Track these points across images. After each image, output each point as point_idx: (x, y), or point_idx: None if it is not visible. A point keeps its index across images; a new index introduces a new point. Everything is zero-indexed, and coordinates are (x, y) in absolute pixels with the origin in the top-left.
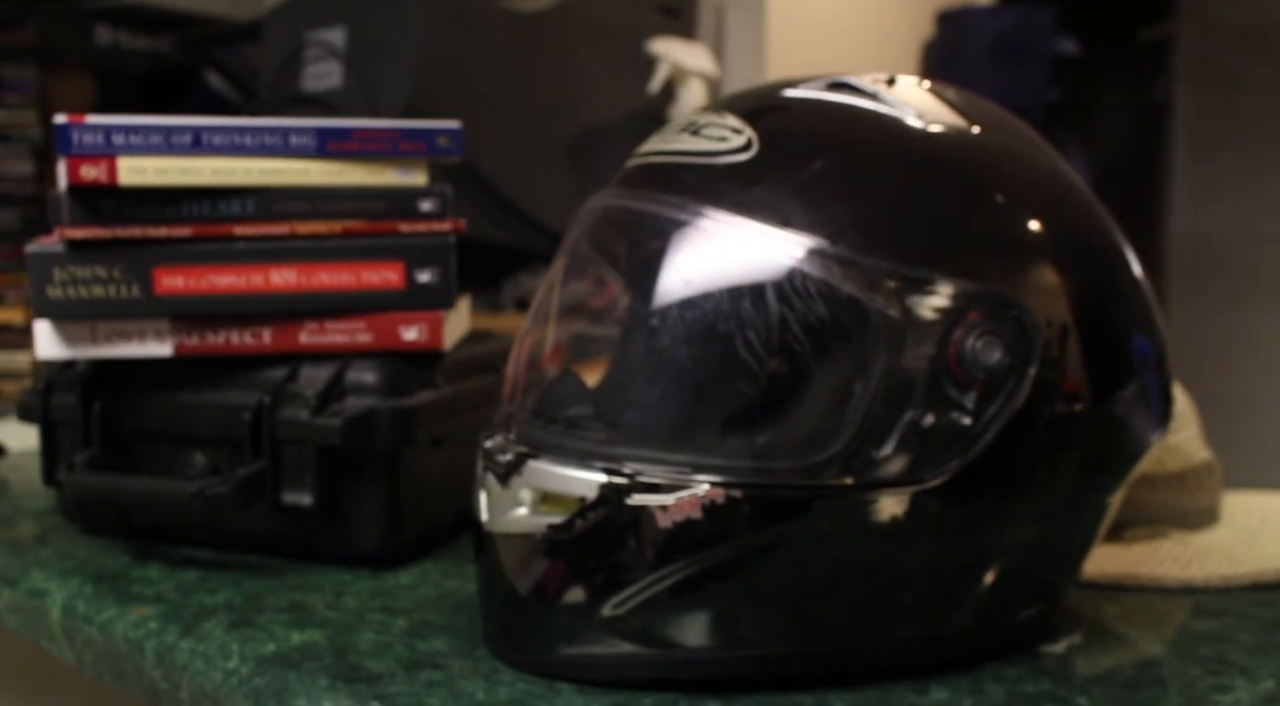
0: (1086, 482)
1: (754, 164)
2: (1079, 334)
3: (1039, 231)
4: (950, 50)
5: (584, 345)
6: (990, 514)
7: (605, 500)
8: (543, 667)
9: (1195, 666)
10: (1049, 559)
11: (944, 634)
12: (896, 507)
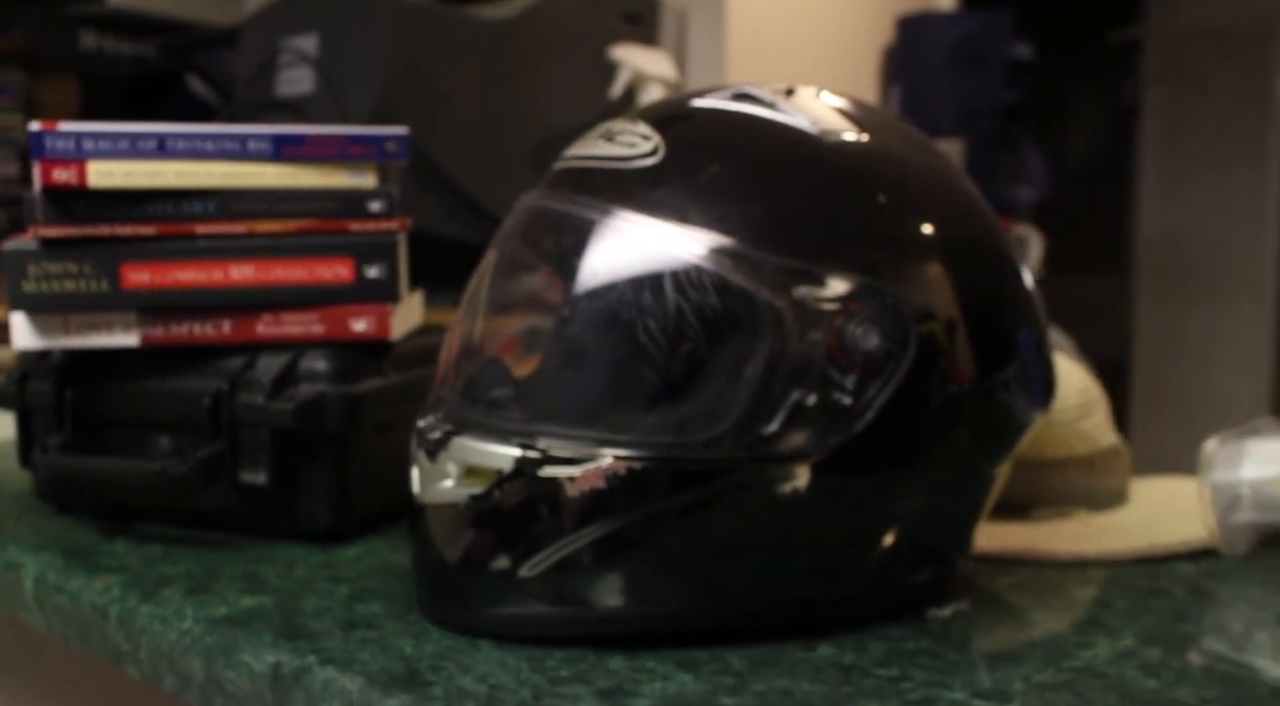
0: (972, 456)
1: (659, 168)
2: (961, 323)
3: (921, 231)
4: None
5: (507, 333)
6: (880, 485)
7: (520, 472)
8: (467, 627)
9: (1068, 627)
10: (939, 528)
11: (837, 597)
12: (786, 479)
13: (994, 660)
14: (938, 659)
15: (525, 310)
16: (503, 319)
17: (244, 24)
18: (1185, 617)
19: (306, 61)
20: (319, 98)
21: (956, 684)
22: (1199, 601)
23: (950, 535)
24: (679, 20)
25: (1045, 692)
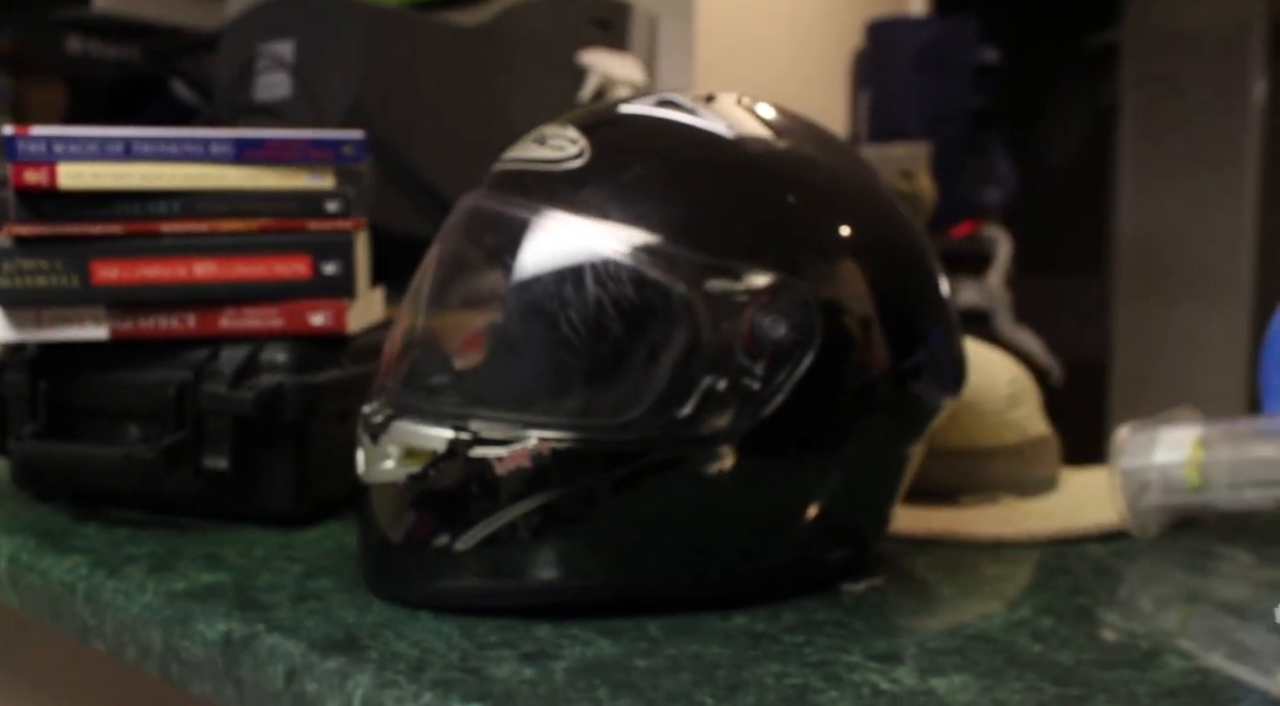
0: (884, 438)
1: (585, 170)
2: (871, 316)
3: (832, 229)
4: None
5: (447, 324)
6: (795, 466)
7: (452, 452)
8: (408, 599)
9: (972, 600)
10: (855, 507)
11: (756, 572)
12: (703, 460)
13: (895, 628)
14: (843, 627)
15: (463, 303)
16: (443, 312)
17: (224, 29)
18: (1082, 592)
19: (283, 66)
20: (295, 102)
21: (855, 648)
22: (1099, 578)
23: (866, 514)
24: (649, 26)
25: (935, 656)
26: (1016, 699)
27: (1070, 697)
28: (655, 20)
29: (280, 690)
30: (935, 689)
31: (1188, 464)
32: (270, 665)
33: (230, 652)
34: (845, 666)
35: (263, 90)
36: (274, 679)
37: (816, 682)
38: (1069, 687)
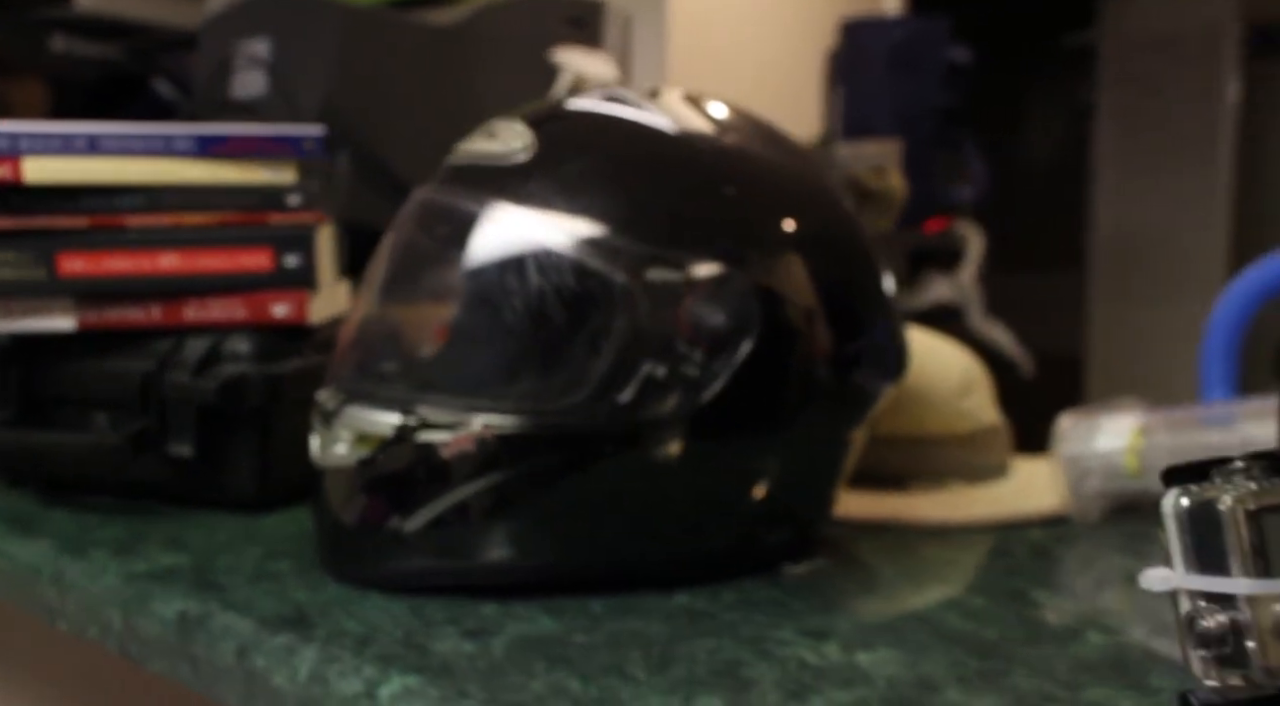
0: (825, 423)
1: (531, 163)
2: (812, 306)
3: (771, 221)
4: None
5: (397, 312)
6: (738, 450)
7: (400, 437)
8: (360, 580)
9: (909, 581)
10: (798, 490)
11: (700, 553)
12: (644, 444)
13: (831, 607)
14: (780, 606)
15: (414, 293)
16: (394, 301)
17: (202, 27)
18: (1018, 573)
19: (259, 65)
20: (272, 100)
21: (788, 625)
22: (1037, 560)
23: (809, 497)
24: (623, 25)
25: (865, 632)
26: (939, 671)
27: (991, 671)
28: (629, 19)
29: (231, 666)
30: (860, 662)
31: (1128, 451)
32: (222, 642)
33: (185, 631)
34: (776, 642)
35: (239, 88)
36: (225, 655)
37: (746, 656)
38: (991, 661)
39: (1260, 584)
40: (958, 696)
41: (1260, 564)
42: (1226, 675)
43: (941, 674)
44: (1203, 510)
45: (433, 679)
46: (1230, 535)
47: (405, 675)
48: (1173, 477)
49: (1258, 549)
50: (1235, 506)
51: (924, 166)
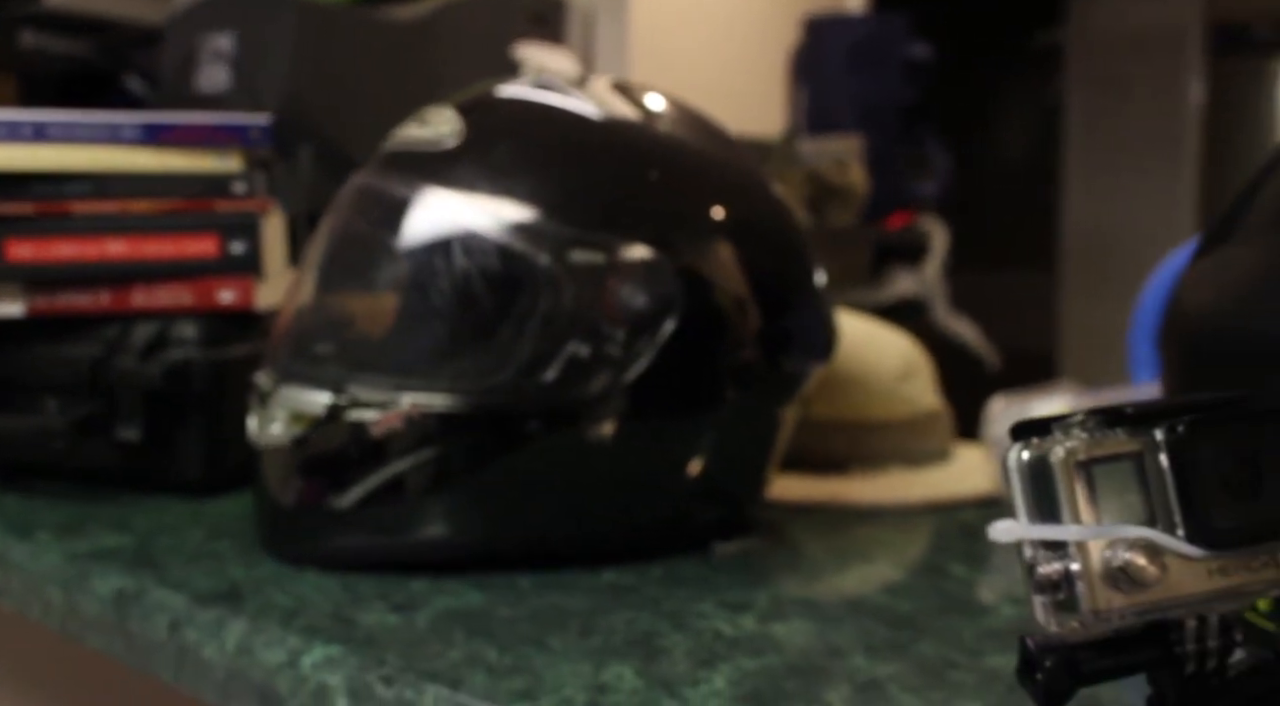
0: (754, 402)
1: (460, 149)
2: (734, 285)
3: (694, 205)
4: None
5: (332, 295)
6: (666, 428)
7: (332, 416)
8: (296, 557)
9: (836, 559)
10: (729, 469)
11: (629, 529)
12: (570, 423)
13: (754, 582)
14: (705, 582)
15: (348, 276)
16: (329, 284)
17: (168, 22)
18: (943, 551)
19: (223, 59)
20: (235, 94)
21: (709, 599)
22: (964, 538)
23: (740, 476)
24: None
25: (783, 605)
26: (848, 641)
27: (899, 640)
28: (591, 16)
29: (164, 640)
30: (773, 632)
31: None
32: (156, 616)
33: (121, 607)
34: (695, 614)
35: (204, 82)
36: (158, 630)
37: (663, 628)
38: (901, 632)
39: (1088, 530)
40: (862, 663)
41: (1090, 512)
42: (1063, 619)
43: (850, 643)
44: (1039, 463)
45: (354, 648)
46: (1061, 485)
47: (328, 645)
48: (1019, 433)
49: (1087, 497)
50: (1066, 457)
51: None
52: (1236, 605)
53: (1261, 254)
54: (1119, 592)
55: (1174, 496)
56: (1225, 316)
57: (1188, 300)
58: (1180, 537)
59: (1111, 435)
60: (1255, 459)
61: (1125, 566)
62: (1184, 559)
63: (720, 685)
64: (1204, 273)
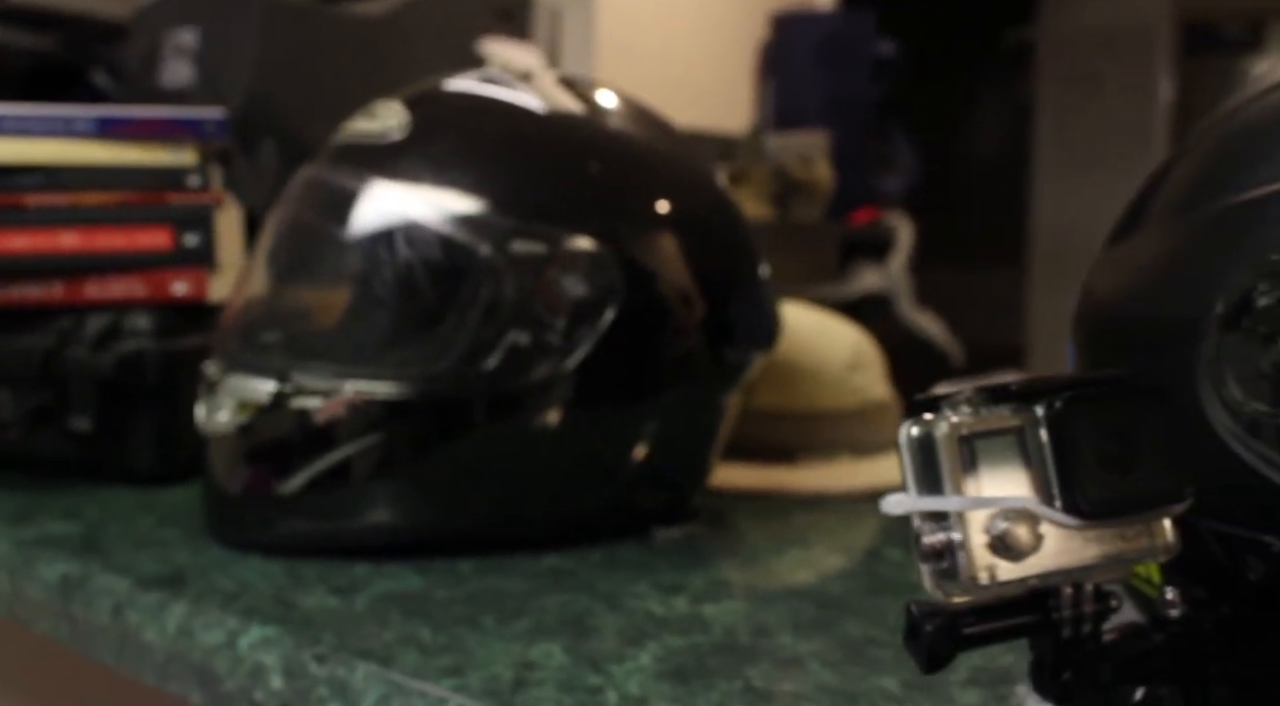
0: (696, 389)
1: (406, 141)
2: (675, 275)
3: (635, 196)
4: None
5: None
6: (607, 415)
7: (276, 403)
8: (242, 543)
9: (774, 544)
10: (672, 455)
11: (571, 515)
12: (511, 410)
13: (691, 566)
14: (643, 566)
15: (295, 267)
16: (277, 274)
17: (133, 17)
18: (881, 536)
19: (187, 54)
20: (199, 89)
21: (644, 582)
22: (901, 525)
23: (683, 463)
24: (552, 17)
25: (716, 587)
26: (776, 620)
27: (826, 619)
28: (558, 12)
29: (107, 624)
30: (703, 612)
31: None
32: (99, 601)
33: (66, 592)
34: (629, 596)
35: (168, 78)
36: (101, 614)
37: (597, 609)
38: (829, 612)
39: (968, 501)
40: (787, 640)
41: (972, 484)
42: (947, 587)
43: (777, 623)
44: (926, 438)
45: (291, 629)
46: (944, 458)
47: (265, 626)
48: (911, 410)
49: (967, 470)
50: (949, 432)
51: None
52: (1112, 573)
53: (1157, 242)
54: (998, 560)
55: (1052, 469)
56: (1124, 303)
57: (1094, 287)
58: (1057, 508)
59: (995, 411)
60: (1129, 434)
61: (1004, 535)
62: (1061, 528)
63: (645, 661)
64: (1110, 261)
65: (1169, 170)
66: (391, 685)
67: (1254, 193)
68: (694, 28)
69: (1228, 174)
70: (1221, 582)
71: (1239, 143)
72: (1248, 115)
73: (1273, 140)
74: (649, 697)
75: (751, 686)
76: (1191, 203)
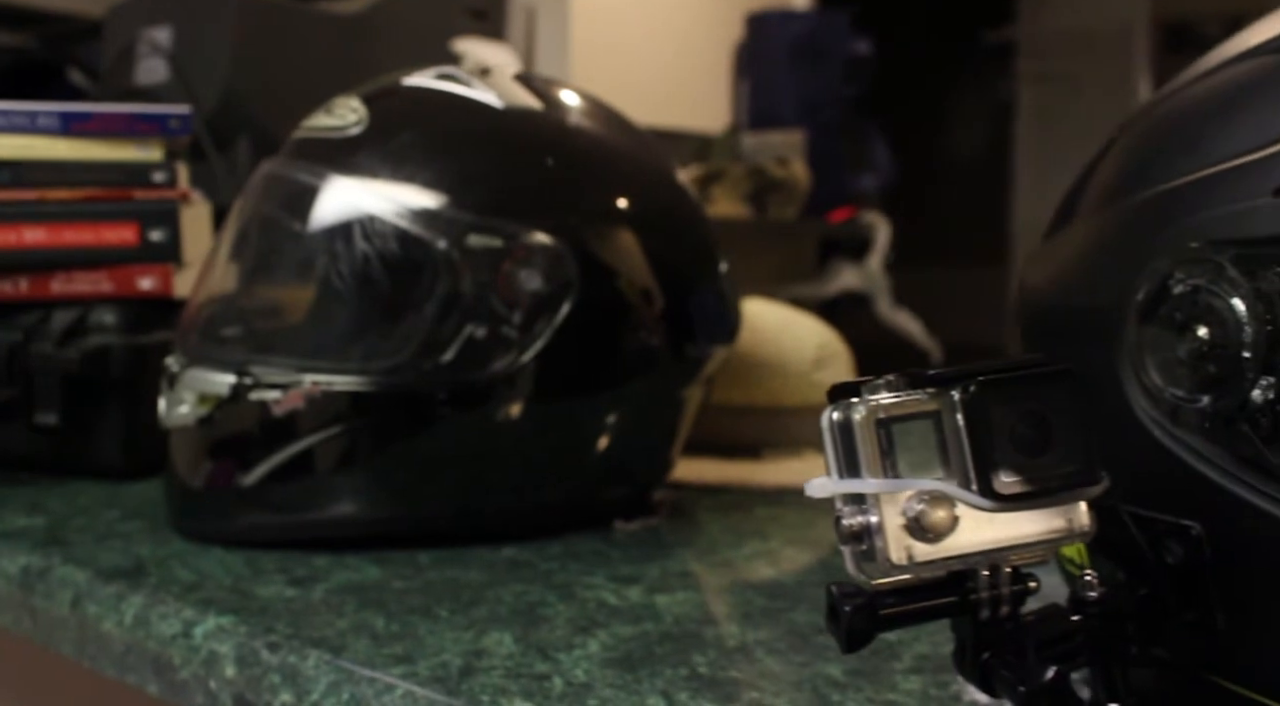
0: (655, 382)
1: (362, 136)
2: (633, 269)
3: (592, 191)
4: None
5: (240, 279)
6: (566, 408)
7: (236, 396)
8: (203, 535)
9: (732, 536)
10: (631, 448)
11: (531, 508)
12: (469, 403)
13: (649, 558)
14: (601, 557)
15: (255, 261)
16: (238, 269)
17: (107, 15)
18: None
19: (161, 52)
20: (172, 87)
21: (601, 573)
22: None
23: (644, 456)
24: (527, 16)
25: (671, 578)
26: (726, 610)
27: (775, 608)
28: (533, 11)
29: (67, 615)
30: (655, 603)
31: None
32: (60, 592)
33: (27, 584)
34: (584, 586)
35: (143, 75)
36: (62, 605)
37: (550, 598)
38: (779, 601)
39: (884, 483)
40: (735, 629)
41: (887, 467)
42: (867, 569)
43: (728, 612)
44: (845, 421)
45: (245, 618)
46: (862, 442)
47: (221, 615)
48: (834, 395)
49: (884, 453)
50: (867, 416)
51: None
52: (1030, 555)
53: (1085, 234)
54: (915, 542)
55: (968, 452)
56: (1054, 293)
57: (1028, 279)
58: (973, 491)
59: (913, 396)
60: (1044, 418)
61: (919, 517)
62: (976, 511)
63: (594, 649)
64: (1043, 253)
65: (1098, 164)
66: (341, 672)
67: (1173, 183)
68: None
69: (1150, 166)
70: (1142, 566)
71: (1161, 135)
72: (1169, 107)
73: (1191, 132)
74: (594, 684)
75: (697, 673)
76: (1116, 194)
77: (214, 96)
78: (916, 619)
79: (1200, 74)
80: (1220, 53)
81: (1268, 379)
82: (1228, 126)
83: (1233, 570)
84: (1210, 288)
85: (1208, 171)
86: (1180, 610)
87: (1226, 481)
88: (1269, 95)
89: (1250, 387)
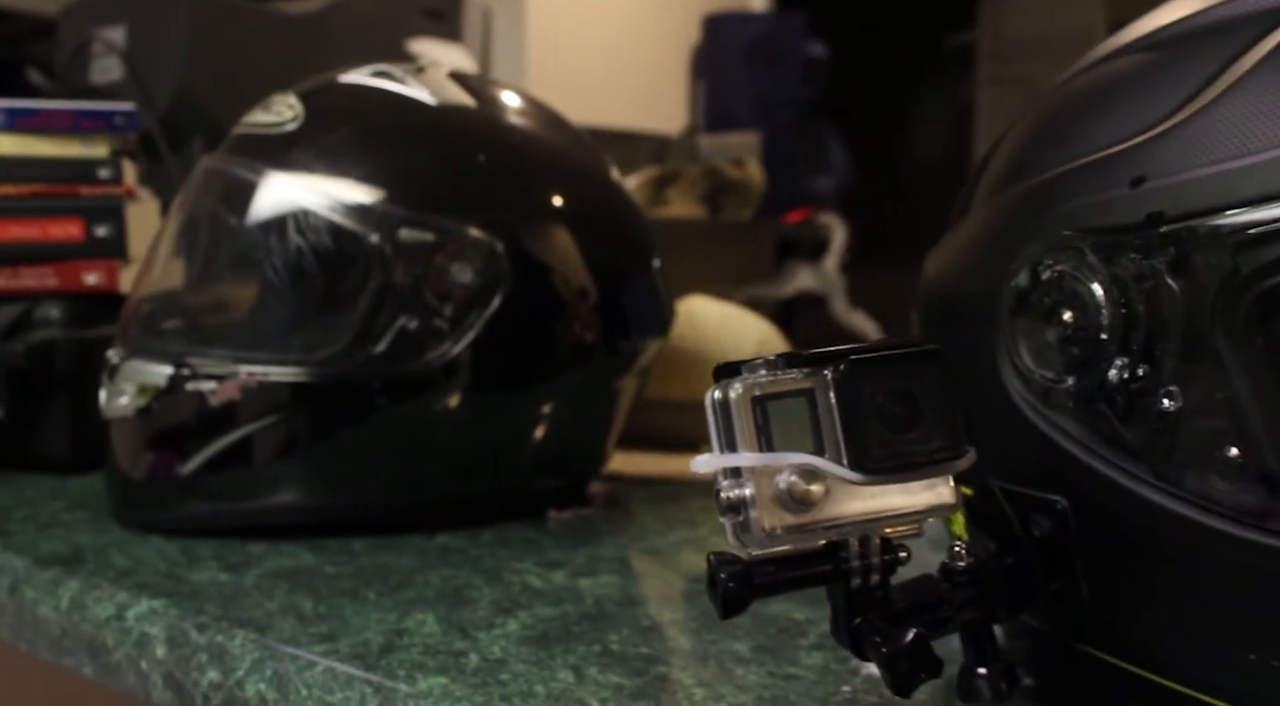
0: (589, 373)
1: (298, 132)
2: (565, 262)
3: (523, 185)
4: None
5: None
6: (499, 398)
7: (173, 387)
8: (143, 524)
9: (663, 525)
10: (565, 438)
11: (466, 497)
12: (403, 393)
13: (577, 545)
14: (531, 544)
15: (193, 255)
16: (176, 263)
17: (61, 14)
18: None
19: (115, 51)
20: (127, 86)
21: (529, 559)
22: None
23: (578, 446)
24: (483, 17)
25: (597, 563)
26: (647, 593)
27: (693, 591)
28: (489, 12)
29: (5, 600)
30: (578, 586)
31: None
32: None
33: None
34: (511, 571)
35: (97, 74)
36: (0, 591)
37: (476, 582)
38: (698, 584)
39: (757, 457)
40: (653, 611)
41: (762, 442)
42: (744, 539)
43: (647, 594)
44: (724, 399)
45: (177, 601)
46: (738, 419)
47: (154, 599)
48: (717, 375)
49: (760, 429)
50: (743, 394)
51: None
52: (900, 526)
53: (974, 223)
54: (787, 514)
55: (839, 428)
56: (945, 281)
57: (928, 269)
58: (843, 465)
59: (789, 374)
60: (912, 395)
61: (790, 489)
62: (846, 484)
63: (513, 628)
64: (943, 243)
65: (992, 155)
66: (266, 650)
67: (1049, 173)
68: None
69: (1032, 156)
70: (1012, 538)
71: (1043, 127)
72: (1052, 100)
73: (1067, 124)
74: (509, 660)
75: (609, 650)
76: (1003, 185)
77: (168, 95)
78: (790, 586)
79: (1084, 68)
80: (1103, 48)
81: (1122, 359)
82: (1098, 120)
83: (1095, 542)
84: (1073, 274)
85: (1078, 162)
86: (1046, 580)
87: (1089, 458)
88: (1135, 90)
89: (1108, 368)
